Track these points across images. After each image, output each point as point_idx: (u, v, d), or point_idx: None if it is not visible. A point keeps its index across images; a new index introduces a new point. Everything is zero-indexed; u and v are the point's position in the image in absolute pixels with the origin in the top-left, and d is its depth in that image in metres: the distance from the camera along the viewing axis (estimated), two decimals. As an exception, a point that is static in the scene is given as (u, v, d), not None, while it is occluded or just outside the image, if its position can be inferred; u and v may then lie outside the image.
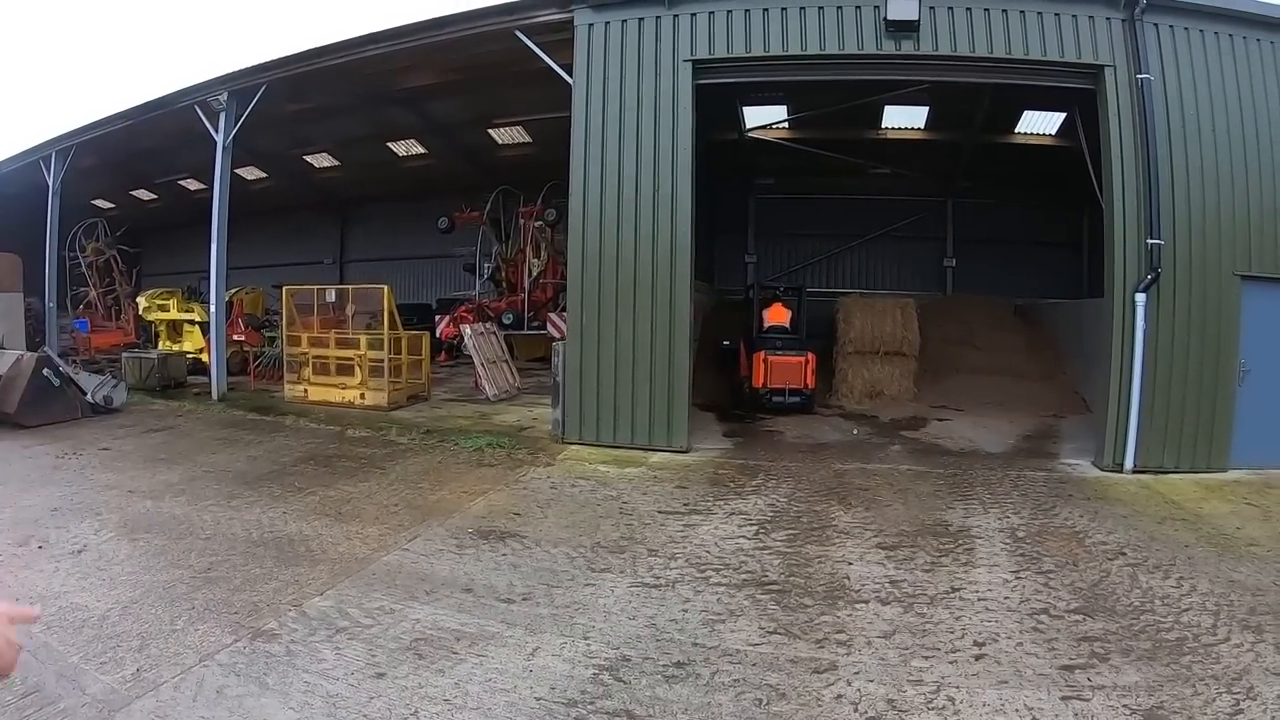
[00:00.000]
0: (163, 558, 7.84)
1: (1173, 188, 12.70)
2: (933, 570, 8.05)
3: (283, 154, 28.52)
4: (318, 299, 18.43)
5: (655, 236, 13.27)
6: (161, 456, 12.47)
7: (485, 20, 14.55)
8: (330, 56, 16.42)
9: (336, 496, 10.27)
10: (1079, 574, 8.03)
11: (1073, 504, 10.73)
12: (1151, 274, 12.49)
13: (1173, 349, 12.64)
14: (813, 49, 13.21)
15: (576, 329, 13.60)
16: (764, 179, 26.98)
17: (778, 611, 6.88)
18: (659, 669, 5.78)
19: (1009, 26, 12.96)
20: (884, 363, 19.42)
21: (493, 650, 6.00)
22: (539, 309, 24.07)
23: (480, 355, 19.04)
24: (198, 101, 18.21)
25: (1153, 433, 12.65)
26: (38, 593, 6.80)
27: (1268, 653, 6.29)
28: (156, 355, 20.54)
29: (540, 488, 10.96)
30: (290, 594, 6.94)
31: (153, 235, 34.62)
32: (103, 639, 6.00)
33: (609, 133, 13.51)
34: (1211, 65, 12.98)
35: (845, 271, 27.11)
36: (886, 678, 5.75)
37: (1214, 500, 11.13)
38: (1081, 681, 5.75)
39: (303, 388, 17.86)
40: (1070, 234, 24.89)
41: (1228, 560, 8.54)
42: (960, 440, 15.11)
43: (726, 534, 9.05)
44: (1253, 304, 12.89)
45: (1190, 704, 5.47)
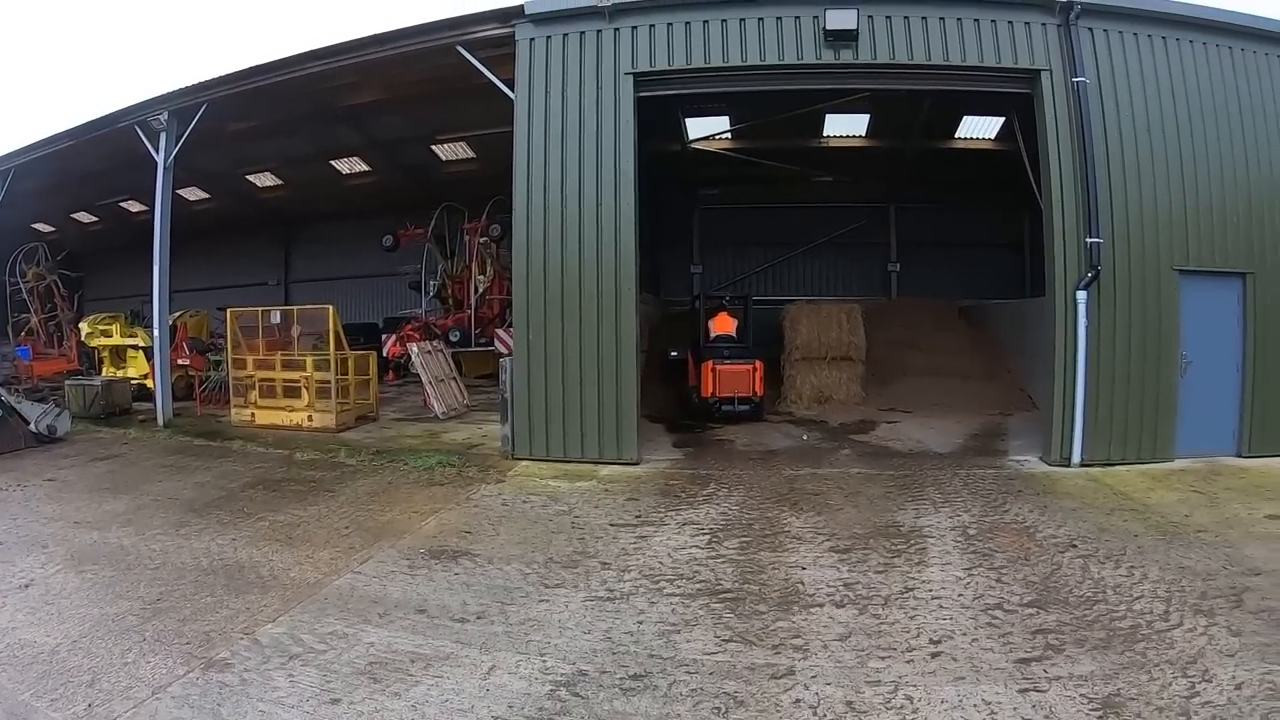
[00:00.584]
0: (111, 589, 7.70)
1: (1110, 187, 12.96)
2: (886, 571, 8.10)
3: (225, 174, 28.18)
4: (262, 321, 18.19)
5: (600, 249, 13.28)
6: (107, 486, 12.25)
7: (427, 36, 14.50)
8: (271, 74, 16.27)
9: (286, 521, 10.12)
10: (1031, 568, 8.13)
11: (1022, 500, 10.88)
12: (1091, 272, 12.73)
13: (1115, 344, 12.88)
14: (753, 60, 13.31)
15: (523, 344, 13.55)
16: (708, 189, 27.11)
17: (733, 619, 6.88)
18: (616, 682, 5.76)
19: (946, 34, 13.16)
20: (831, 368, 19.61)
21: (448, 671, 5.94)
22: (486, 325, 23.91)
23: (428, 373, 18.94)
24: (137, 121, 17.93)
25: (1098, 427, 12.89)
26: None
27: (1221, 635, 6.41)
28: (100, 382, 20.18)
29: (492, 505, 10.89)
30: (242, 622, 6.84)
31: (94, 259, 34.14)
32: (53, 675, 5.88)
33: (551, 147, 13.51)
34: (1146, 67, 13.29)
35: (791, 279, 27.32)
36: (844, 680, 5.77)
37: (1161, 490, 11.34)
38: (1038, 673, 5.82)
39: (250, 411, 17.65)
40: (1012, 235, 25.21)
41: (1177, 547, 8.71)
42: (909, 442, 15.27)
43: (679, 544, 9.04)
44: (1192, 297, 13.21)
45: (1146, 689, 5.55)
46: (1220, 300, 13.44)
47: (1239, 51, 13.68)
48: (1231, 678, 5.70)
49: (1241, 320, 13.50)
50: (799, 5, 13.21)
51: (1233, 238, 13.39)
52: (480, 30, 14.07)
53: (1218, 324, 13.42)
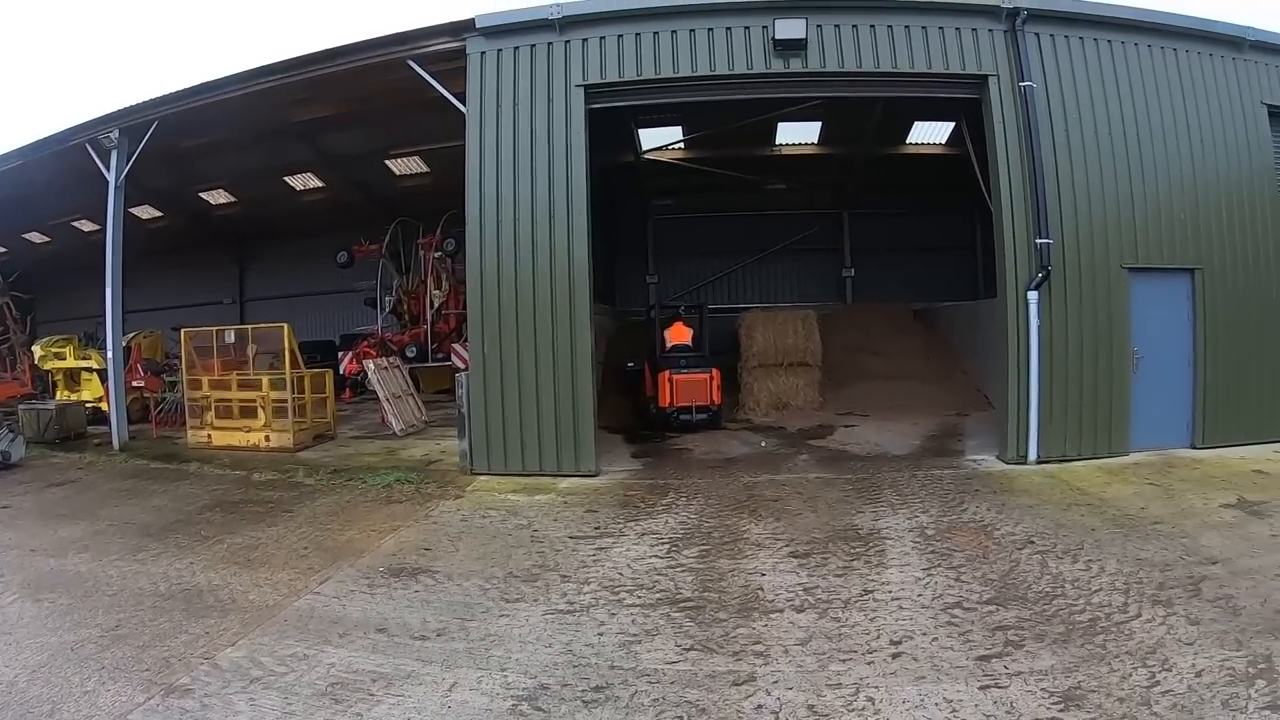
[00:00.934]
0: (69, 617, 7.58)
1: (1059, 188, 13.18)
2: (845, 574, 8.15)
3: (178, 191, 27.95)
4: (217, 340, 17.98)
5: (553, 261, 13.27)
6: (63, 512, 12.06)
7: (378, 51, 14.45)
8: (223, 90, 16.11)
9: (244, 543, 10.02)
10: (989, 566, 8.23)
11: (980, 498, 11.01)
12: (1042, 272, 12.92)
13: (1067, 342, 13.09)
14: (704, 70, 13.40)
15: (479, 359, 13.51)
16: (662, 200, 27.22)
17: (693, 628, 6.90)
18: (578, 695, 5.76)
19: (895, 42, 13.32)
20: (788, 374, 19.66)
21: (410, 689, 5.91)
22: (442, 340, 23.80)
23: (385, 390, 18.84)
24: (89, 139, 17.70)
25: (1053, 424, 13.08)
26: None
27: (1179, 625, 6.52)
28: (54, 406, 19.87)
29: (450, 521, 10.84)
30: (202, 646, 6.75)
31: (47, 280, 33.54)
32: (12, 706, 5.79)
33: (504, 160, 13.50)
34: (1091, 70, 13.56)
35: (747, 287, 27.42)
36: (805, 684, 5.80)
37: (1117, 483, 11.53)
38: (999, 670, 5.88)
39: (206, 433, 17.45)
40: (964, 238, 25.42)
41: (1134, 540, 8.86)
42: (867, 445, 15.36)
43: (639, 554, 9.05)
44: (1141, 294, 13.47)
45: (1107, 681, 5.63)
46: (1170, 296, 13.70)
47: (1183, 53, 13.98)
48: (1191, 665, 5.79)
49: (1192, 315, 13.77)
50: (748, 15, 13.32)
51: (1180, 235, 13.65)
52: (432, 44, 14.04)
53: (1168, 319, 13.68)
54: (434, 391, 23.75)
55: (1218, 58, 14.18)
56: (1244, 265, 13.96)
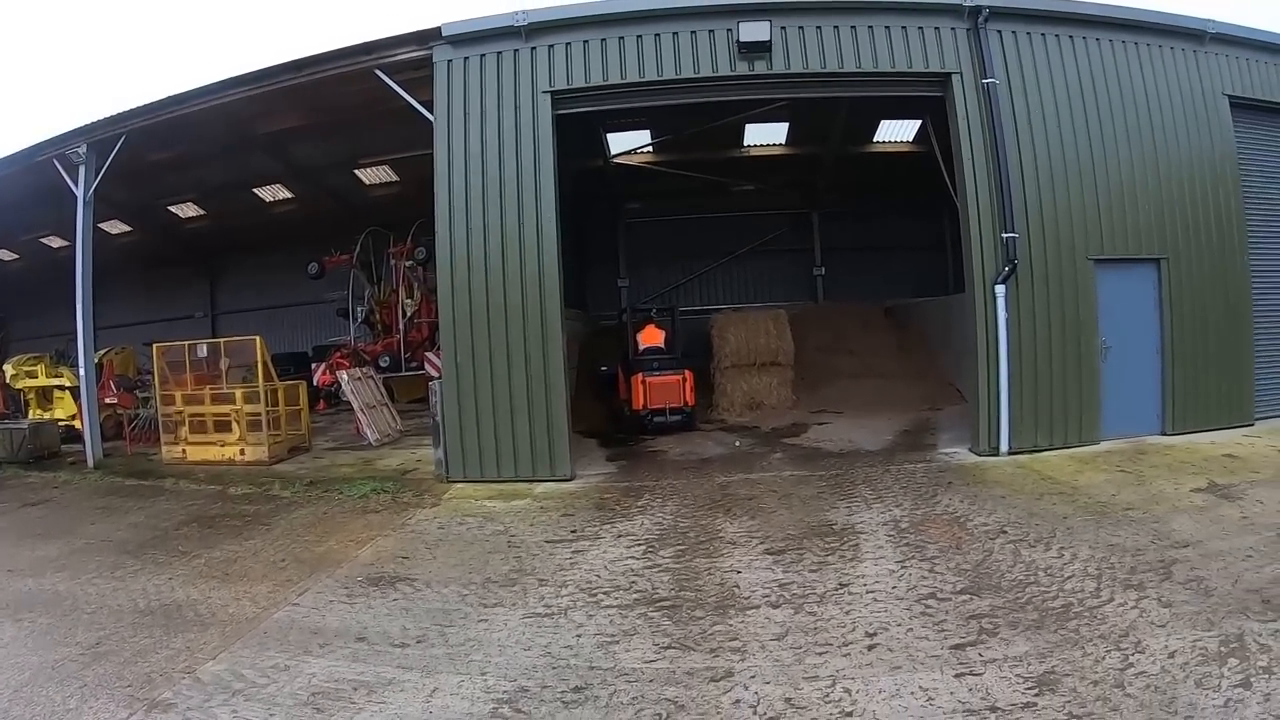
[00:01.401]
0: (49, 636, 7.56)
1: (1023, 183, 13.34)
2: (820, 569, 8.22)
3: (147, 205, 27.74)
4: (189, 355, 17.86)
5: (524, 268, 13.29)
6: (39, 531, 11.98)
7: (344, 61, 14.41)
8: (189, 103, 16.01)
9: (222, 557, 9.99)
10: (963, 556, 8.33)
11: (952, 491, 11.11)
12: (1009, 266, 13.04)
13: (1035, 334, 13.24)
14: (670, 73, 13.45)
15: (452, 367, 13.51)
16: (632, 204, 27.33)
17: (671, 626, 6.96)
18: (557, 696, 5.80)
19: (858, 42, 13.42)
20: (761, 374, 19.73)
21: (391, 695, 5.95)
22: (416, 349, 23.77)
23: (359, 400, 18.78)
24: (55, 154, 17.52)
25: (1024, 415, 13.21)
26: (-84, 684, 6.53)
27: (1151, 608, 6.63)
28: (27, 425, 19.71)
29: (427, 529, 10.84)
30: (183, 661, 6.75)
31: (16, 298, 33.28)
32: (-7, 726, 5.82)
33: (472, 167, 13.50)
34: (1054, 65, 13.72)
35: (718, 289, 27.51)
36: (782, 678, 5.87)
37: (1089, 472, 11.67)
38: (973, 658, 5.97)
39: (181, 448, 17.33)
40: (933, 235, 25.56)
41: (1106, 526, 8.99)
42: (840, 442, 15.43)
43: (615, 556, 9.10)
44: (1108, 284, 13.62)
45: (1081, 664, 5.73)
46: (1137, 286, 13.86)
47: (1143, 46, 14.16)
48: (1164, 647, 5.90)
49: (1159, 304, 13.94)
50: (712, 18, 13.38)
51: (1145, 226, 13.83)
52: (398, 53, 14.04)
53: (1135, 309, 13.85)
54: (408, 401, 23.61)
55: (1179, 50, 14.37)
56: (1209, 253, 14.14)
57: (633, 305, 21.57)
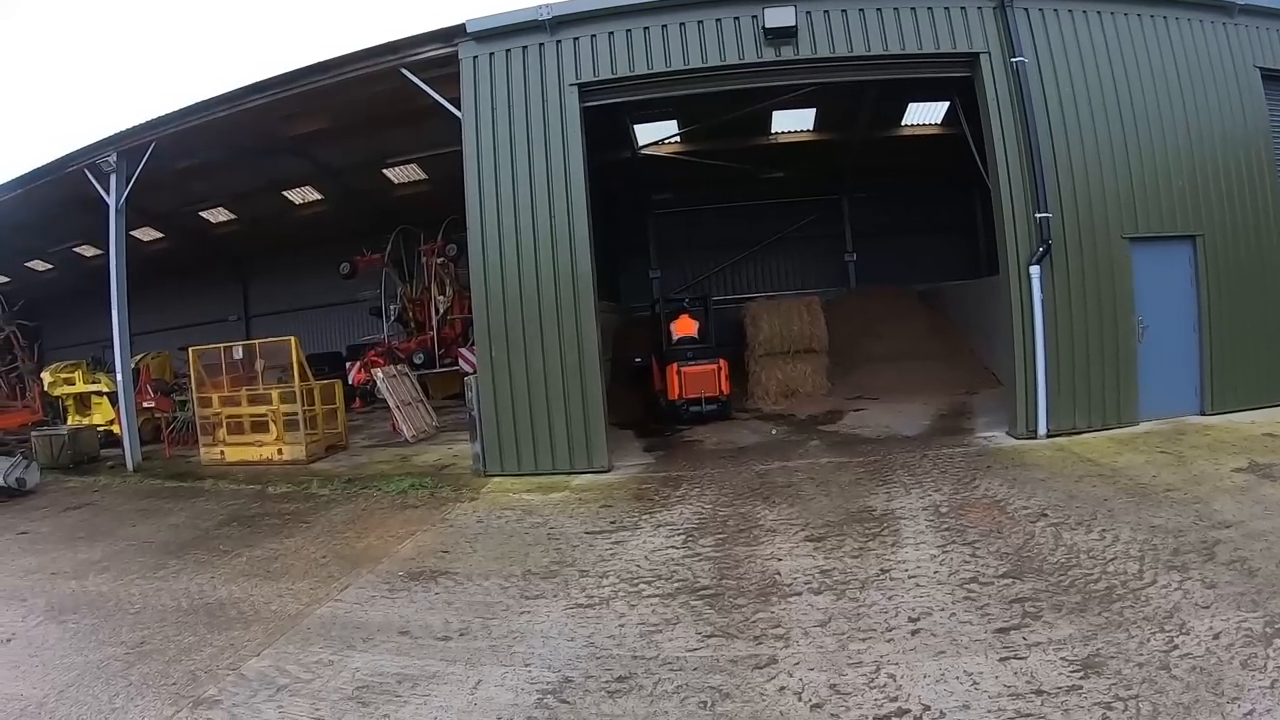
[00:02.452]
0: (94, 637, 7.63)
1: (1055, 162, 13.17)
2: (861, 555, 8.18)
3: (178, 212, 27.95)
4: (225, 357, 18.05)
5: (555, 261, 13.30)
6: (81, 535, 12.10)
7: (369, 61, 14.45)
8: (216, 109, 16.12)
9: (263, 555, 10.07)
10: (1004, 540, 8.27)
11: (991, 475, 11.03)
12: (1043, 246, 12.91)
13: (1071, 315, 13.09)
14: (695, 62, 13.40)
15: (487, 362, 13.55)
16: (661, 194, 27.22)
17: (713, 615, 6.94)
18: (602, 686, 5.81)
19: (884, 24, 13.29)
20: (795, 361, 19.70)
21: (435, 688, 5.96)
22: (449, 345, 23.87)
23: (394, 398, 18.86)
24: (86, 164, 17.70)
25: (1062, 397, 13.08)
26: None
27: (1195, 589, 6.54)
28: (67, 431, 19.90)
29: (467, 523, 10.88)
30: (227, 658, 6.80)
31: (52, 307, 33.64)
32: (41, 726, 5.87)
33: (501, 163, 13.52)
34: (1083, 42, 13.51)
35: (750, 277, 27.43)
36: (826, 664, 5.84)
37: (1128, 453, 11.53)
38: (1017, 641, 5.92)
39: (219, 449, 17.49)
40: (964, 217, 25.39)
41: (1147, 507, 8.88)
42: (877, 428, 15.37)
43: (655, 546, 9.10)
44: (1143, 263, 13.45)
45: (1125, 647, 5.66)
46: (1172, 264, 13.67)
47: (1172, 20, 13.91)
48: (1209, 629, 5.82)
49: (1194, 281, 13.74)
50: (737, 5, 13.31)
51: (1179, 202, 13.62)
52: (423, 51, 14.06)
53: (1171, 287, 13.66)
54: (443, 397, 23.73)
55: (1208, 23, 14.13)
56: (1244, 229, 13.92)
57: (665, 295, 21.54)
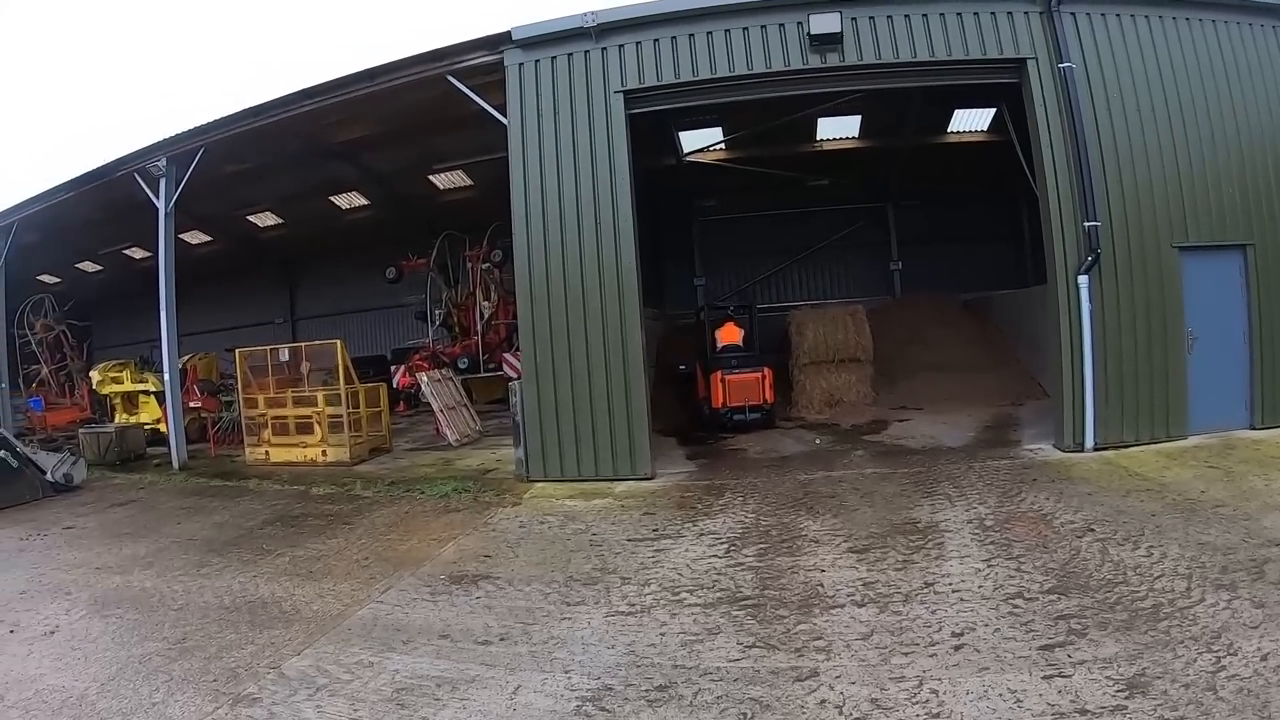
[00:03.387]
0: (136, 632, 7.72)
1: (1104, 169, 13.00)
2: (905, 568, 8.10)
3: (226, 216, 28.36)
4: (271, 359, 18.25)
5: (601, 268, 13.32)
6: (126, 531, 12.26)
7: (416, 68, 14.58)
8: (266, 115, 16.36)
9: (306, 556, 10.14)
10: (1049, 555, 8.14)
11: (1037, 488, 10.89)
12: (1091, 255, 12.75)
13: (1120, 325, 12.90)
14: (740, 69, 13.38)
15: (531, 367, 13.58)
16: (706, 201, 27.19)
17: (754, 625, 6.90)
18: (641, 694, 5.78)
19: (930, 30, 13.21)
20: (840, 371, 19.62)
21: (475, 693, 5.96)
22: (493, 350, 23.87)
23: (438, 402, 18.96)
24: (136, 169, 18.00)
25: (1110, 409, 12.89)
26: (13, 678, 6.70)
27: (1244, 609, 6.41)
28: (114, 429, 20.24)
29: (509, 528, 10.90)
30: (268, 656, 6.86)
31: (101, 307, 34.34)
32: (84, 718, 5.92)
33: (547, 169, 13.56)
34: (1131, 47, 13.34)
35: (794, 285, 27.31)
36: (868, 678, 5.78)
37: (1176, 467, 11.34)
38: (1062, 659, 5.82)
39: (264, 450, 17.68)
40: (1011, 225, 25.17)
41: (1195, 524, 8.71)
42: (922, 438, 15.26)
43: (698, 555, 9.05)
44: (1194, 273, 13.23)
45: (1172, 667, 5.55)
46: (1222, 274, 13.45)
47: (1223, 25, 13.71)
48: (1257, 649, 5.70)
49: (1245, 292, 13.51)
50: (782, 12, 13.28)
51: (1230, 210, 13.40)
52: (469, 59, 14.15)
53: (1222, 297, 13.45)
54: (487, 401, 23.81)
55: (1258, 27, 13.92)
56: (1297, 238, 13.72)
57: (710, 303, 21.47)
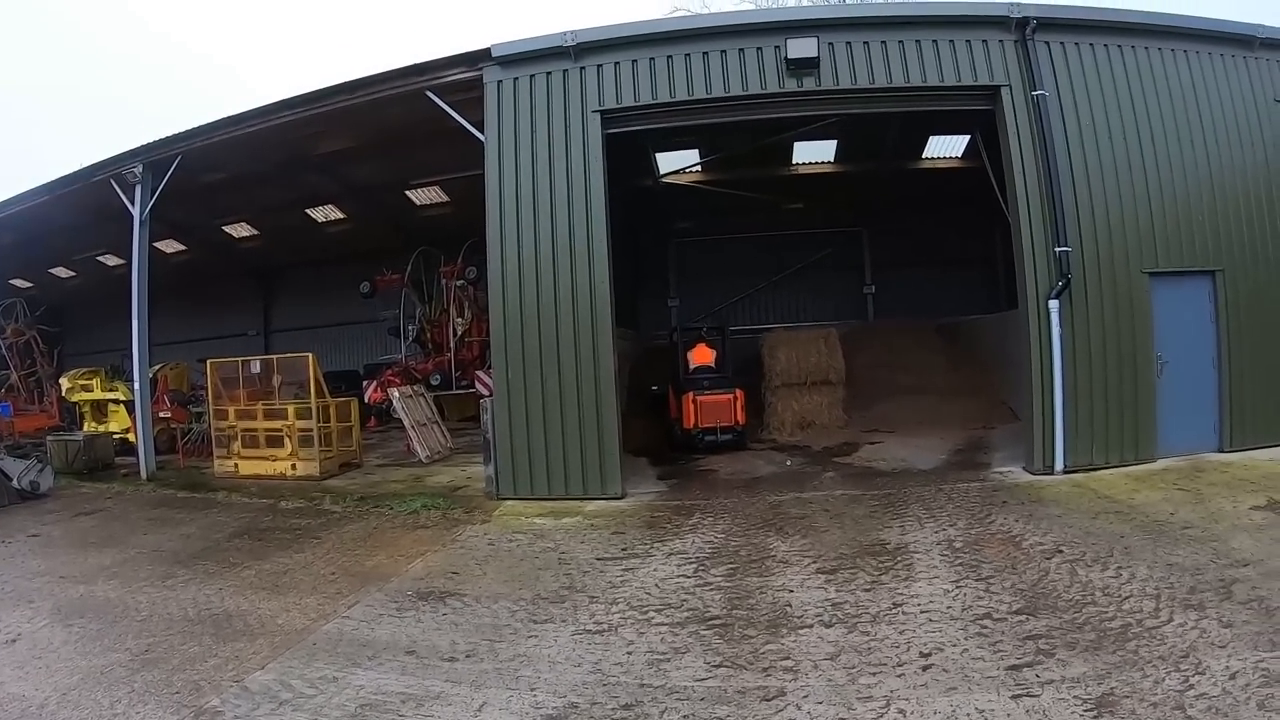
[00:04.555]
0: (99, 642, 7.67)
1: (1075, 196, 13.18)
2: (873, 589, 8.13)
3: (202, 225, 28.09)
4: (243, 371, 18.12)
5: (575, 287, 13.31)
6: (92, 540, 12.18)
7: (396, 82, 14.59)
8: (244, 124, 16.29)
9: (272, 569, 10.07)
10: (1018, 576, 8.20)
11: (1007, 510, 10.96)
12: (1062, 280, 12.89)
13: (1090, 350, 13.06)
14: (718, 91, 13.47)
15: (503, 385, 13.53)
16: (681, 223, 27.20)
17: (722, 645, 6.90)
18: (607, 713, 5.77)
19: (906, 56, 13.37)
20: (812, 393, 19.65)
21: (439, 709, 5.94)
22: (466, 368, 23.83)
23: (410, 418, 18.87)
24: (113, 175, 17.87)
25: (1079, 433, 13.02)
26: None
27: (1212, 629, 6.48)
28: (82, 437, 20.06)
29: (477, 545, 10.85)
30: (231, 670, 6.81)
31: (73, 313, 34.08)
32: (43, 729, 5.87)
33: (523, 187, 13.56)
34: (1104, 75, 13.57)
35: (768, 307, 27.25)
36: (836, 698, 5.79)
37: (1145, 490, 11.46)
38: (1030, 679, 5.86)
39: (233, 462, 17.54)
40: (984, 251, 25.19)
41: (1164, 545, 8.81)
42: (892, 461, 15.31)
43: (666, 574, 9.05)
44: (1163, 298, 13.45)
45: (1140, 686, 5.61)
46: (1192, 299, 13.68)
47: (1194, 55, 13.99)
48: (1225, 668, 5.77)
49: (1214, 317, 13.73)
50: (760, 36, 13.41)
51: (1200, 237, 13.63)
52: (448, 75, 14.17)
53: (1191, 322, 13.66)
54: (458, 419, 23.78)
55: (1229, 57, 14.19)
56: (1265, 264, 13.93)
57: (682, 324, 21.42)
